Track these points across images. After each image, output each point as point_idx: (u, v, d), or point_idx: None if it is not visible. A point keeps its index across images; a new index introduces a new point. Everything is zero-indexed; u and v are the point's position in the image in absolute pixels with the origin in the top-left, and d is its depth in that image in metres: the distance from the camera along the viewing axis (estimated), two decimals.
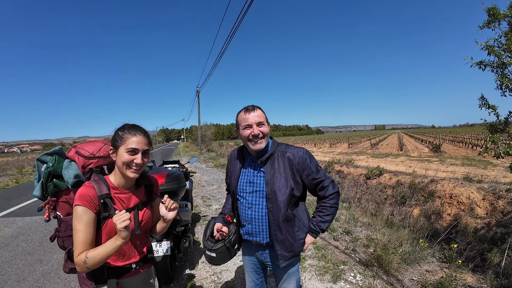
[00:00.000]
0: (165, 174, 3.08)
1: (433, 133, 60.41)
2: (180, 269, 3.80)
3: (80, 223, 1.32)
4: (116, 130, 1.47)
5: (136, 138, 1.43)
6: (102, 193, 1.40)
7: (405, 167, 12.48)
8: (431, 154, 20.03)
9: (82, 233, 1.32)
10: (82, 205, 1.32)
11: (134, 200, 1.53)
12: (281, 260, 1.76)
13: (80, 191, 1.36)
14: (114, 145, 1.44)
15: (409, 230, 5.23)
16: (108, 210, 1.40)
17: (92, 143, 1.69)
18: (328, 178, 1.85)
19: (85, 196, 1.34)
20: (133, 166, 1.42)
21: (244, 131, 1.72)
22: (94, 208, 1.36)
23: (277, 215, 1.72)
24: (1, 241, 5.18)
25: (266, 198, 1.74)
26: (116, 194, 1.46)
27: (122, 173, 1.44)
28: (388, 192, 8.00)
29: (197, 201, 7.80)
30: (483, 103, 3.45)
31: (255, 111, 1.73)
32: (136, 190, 1.56)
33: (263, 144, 1.72)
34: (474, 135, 35.20)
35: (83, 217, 1.32)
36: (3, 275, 3.86)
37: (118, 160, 1.42)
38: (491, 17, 3.31)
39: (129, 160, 1.40)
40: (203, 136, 35.67)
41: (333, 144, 43.80)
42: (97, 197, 1.37)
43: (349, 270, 3.66)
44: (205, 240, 1.92)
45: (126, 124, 1.50)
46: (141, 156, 1.43)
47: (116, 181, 1.48)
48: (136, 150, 1.41)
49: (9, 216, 6.99)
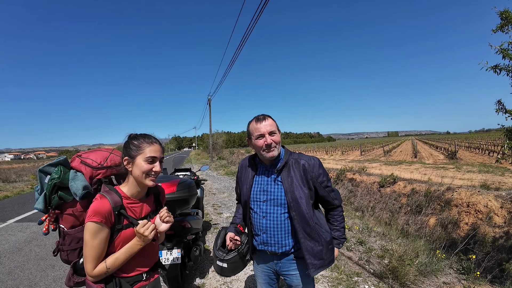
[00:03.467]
0: (176, 182, 3.08)
1: (448, 139, 59.17)
2: (190, 277, 3.78)
3: (95, 240, 1.31)
4: (130, 140, 1.46)
5: (154, 146, 1.45)
6: (116, 204, 1.38)
7: (420, 174, 12.19)
8: (446, 161, 19.57)
9: (97, 249, 1.32)
10: (98, 221, 1.30)
11: (145, 209, 1.54)
12: (312, 269, 1.73)
13: (95, 206, 1.33)
14: (130, 155, 1.42)
15: (425, 240, 5.08)
16: (122, 221, 1.41)
17: (96, 152, 1.65)
18: (335, 189, 1.89)
19: (100, 212, 1.32)
20: (152, 174, 1.43)
21: (257, 141, 1.72)
22: (110, 222, 1.36)
23: (302, 223, 1.71)
24: (14, 246, 5.28)
25: (288, 206, 1.72)
26: (128, 205, 1.46)
27: (140, 182, 1.44)
28: (402, 200, 7.82)
29: (208, 209, 7.79)
30: (500, 108, 3.37)
31: (266, 120, 1.73)
32: (146, 199, 1.56)
33: (275, 151, 1.71)
34: (491, 141, 34.32)
35: (99, 234, 1.32)
36: (15, 279, 3.92)
37: (137, 170, 1.41)
38: (504, 20, 3.25)
39: (149, 169, 1.41)
40: (214, 144, 35.87)
41: (345, 151, 43.35)
42: (112, 210, 1.36)
43: (363, 282, 3.55)
44: (216, 250, 1.89)
45: (139, 134, 1.50)
46: (159, 164, 1.46)
47: (130, 191, 1.48)
48: (155, 158, 1.43)
49: (23, 221, 7.14)
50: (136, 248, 1.41)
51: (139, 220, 1.44)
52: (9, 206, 9.23)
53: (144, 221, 1.40)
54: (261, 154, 1.75)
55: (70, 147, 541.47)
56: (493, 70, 3.33)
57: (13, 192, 12.19)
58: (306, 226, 1.71)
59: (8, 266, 4.36)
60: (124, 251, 1.39)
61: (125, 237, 1.42)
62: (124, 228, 1.41)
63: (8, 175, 18.30)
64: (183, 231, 3.19)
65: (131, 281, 1.50)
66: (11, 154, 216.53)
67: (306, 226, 1.71)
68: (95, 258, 1.32)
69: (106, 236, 1.35)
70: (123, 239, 1.41)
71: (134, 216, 1.47)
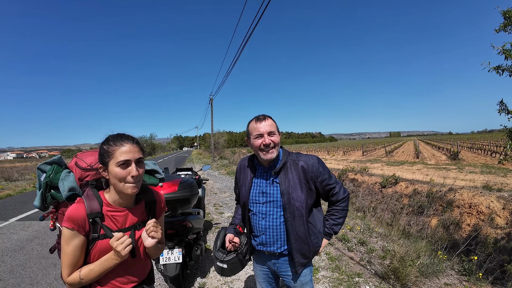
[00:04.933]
0: (178, 181, 3.09)
1: (450, 140, 58.94)
2: (191, 277, 3.78)
3: (68, 246, 1.22)
4: (101, 146, 1.30)
5: (125, 147, 1.26)
6: (93, 211, 1.25)
7: (422, 175, 12.16)
8: (448, 162, 19.50)
9: (70, 256, 1.23)
10: (70, 227, 1.21)
11: (130, 219, 1.37)
12: (298, 266, 1.77)
13: (69, 211, 1.23)
14: (103, 162, 1.27)
15: (427, 241, 5.06)
16: (98, 230, 1.27)
17: (93, 153, 1.56)
18: (339, 183, 1.86)
19: (73, 218, 1.22)
20: (130, 180, 1.25)
21: (256, 140, 1.72)
22: (83, 230, 1.24)
23: (294, 225, 1.72)
24: (16, 244, 5.30)
25: (282, 208, 1.73)
26: (109, 212, 1.31)
27: (120, 191, 1.29)
28: (404, 201, 7.81)
29: (210, 208, 7.80)
30: (502, 109, 3.34)
31: (266, 120, 1.73)
32: (134, 208, 1.40)
33: (274, 154, 1.71)
34: (493, 141, 34.13)
35: (72, 241, 1.22)
36: (17, 278, 3.94)
37: (112, 177, 1.26)
38: (507, 20, 3.22)
39: (124, 175, 1.24)
40: (216, 143, 35.91)
41: (347, 151, 43.27)
42: (86, 217, 1.24)
43: (364, 283, 3.54)
44: (216, 251, 1.90)
45: (109, 136, 1.32)
46: (136, 167, 1.26)
47: (111, 198, 1.33)
48: (128, 161, 1.25)
49: (26, 220, 7.16)
50: (112, 262, 1.25)
51: (118, 232, 1.28)
52: (11, 204, 9.26)
53: (119, 234, 1.23)
54: (259, 155, 1.75)
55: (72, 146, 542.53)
56: (495, 70, 3.31)
57: (15, 190, 12.23)
58: (299, 227, 1.72)
59: (10, 265, 4.38)
60: (99, 264, 1.26)
61: (101, 248, 1.28)
62: (101, 238, 1.28)
63: (10, 174, 18.37)
64: (184, 231, 3.20)
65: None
66: (13, 153, 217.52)
67: (299, 227, 1.72)
68: (69, 265, 1.24)
69: (81, 244, 1.24)
70: (100, 249, 1.28)
71: (115, 225, 1.32)
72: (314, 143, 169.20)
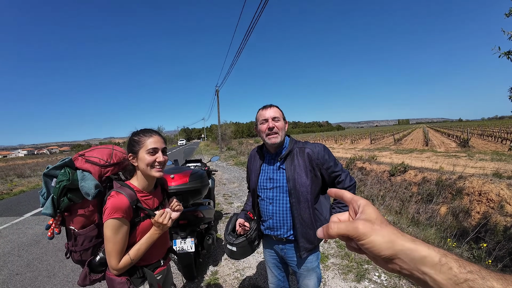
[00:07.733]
0: (188, 173, 3.14)
1: (460, 127, 58.00)
2: (203, 265, 3.89)
3: (117, 235, 1.38)
4: (131, 137, 1.53)
5: (153, 138, 1.50)
6: (133, 199, 1.45)
7: (431, 163, 12.04)
8: (458, 149, 19.24)
9: (120, 244, 1.40)
10: (120, 217, 1.37)
11: (155, 201, 1.62)
12: (303, 251, 1.84)
13: (114, 203, 1.37)
14: (133, 151, 1.49)
15: (436, 229, 5.08)
16: (139, 214, 1.49)
17: (99, 150, 1.62)
18: (345, 171, 1.90)
19: (120, 208, 1.38)
20: (157, 165, 1.49)
21: (261, 126, 1.83)
22: (129, 216, 1.43)
23: (300, 210, 1.79)
24: (32, 239, 5.45)
25: (288, 193, 1.81)
26: (142, 198, 1.53)
27: (147, 175, 1.51)
28: (413, 189, 7.78)
29: (219, 199, 7.91)
30: None
31: (272, 108, 1.84)
32: (155, 192, 1.64)
33: (278, 138, 1.79)
34: (504, 128, 33.47)
35: (120, 229, 1.39)
36: (34, 271, 4.06)
37: (141, 163, 1.48)
38: None
39: (152, 160, 1.47)
40: (223, 134, 36.00)
41: (355, 140, 42.95)
42: (130, 204, 1.42)
43: (373, 270, 3.60)
44: (227, 235, 2.01)
45: (139, 130, 1.56)
46: (162, 154, 1.51)
47: (141, 185, 1.54)
48: (156, 149, 1.48)
49: (40, 214, 7.30)
50: (155, 236, 1.51)
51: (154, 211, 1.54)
52: (25, 200, 9.48)
53: (160, 211, 1.51)
54: (265, 141, 1.85)
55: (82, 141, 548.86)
56: (506, 56, 3.25)
57: (28, 186, 12.53)
58: (304, 212, 1.79)
59: (27, 259, 4.51)
60: (145, 241, 1.49)
61: (143, 229, 1.51)
62: (142, 220, 1.50)
63: (23, 170, 18.77)
64: (196, 221, 3.27)
65: (151, 268, 1.62)
66: (24, 150, 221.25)
67: (304, 212, 1.79)
68: (119, 252, 1.40)
69: (127, 230, 1.43)
70: (142, 230, 1.50)
71: (149, 207, 1.55)
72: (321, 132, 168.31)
